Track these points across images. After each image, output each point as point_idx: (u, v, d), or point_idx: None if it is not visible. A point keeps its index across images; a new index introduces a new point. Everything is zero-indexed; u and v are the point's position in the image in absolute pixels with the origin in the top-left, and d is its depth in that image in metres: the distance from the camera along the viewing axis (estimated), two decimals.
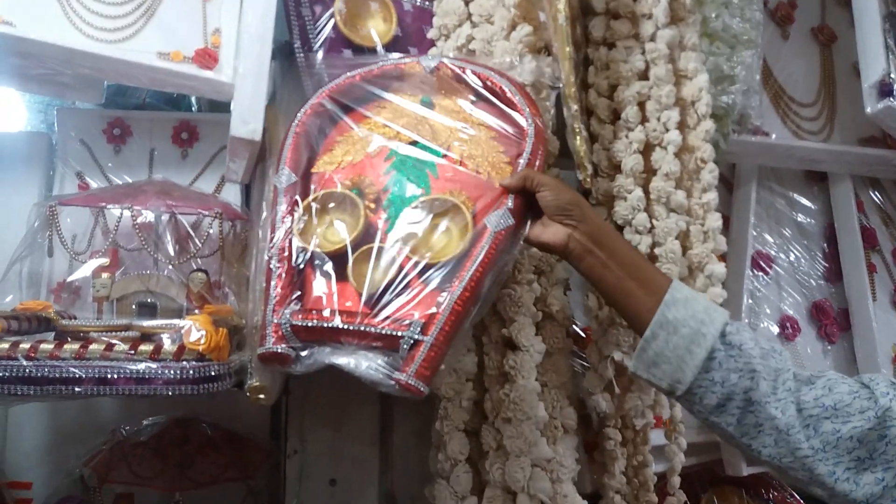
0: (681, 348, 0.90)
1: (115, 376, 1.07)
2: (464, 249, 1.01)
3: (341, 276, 1.02)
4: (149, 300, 1.34)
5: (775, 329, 1.64)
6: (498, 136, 1.13)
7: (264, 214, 1.16)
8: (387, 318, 0.97)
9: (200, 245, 1.33)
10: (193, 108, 1.69)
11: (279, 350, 0.99)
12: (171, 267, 1.34)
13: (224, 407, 1.49)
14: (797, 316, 1.66)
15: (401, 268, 1.01)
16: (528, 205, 1.03)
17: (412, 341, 0.94)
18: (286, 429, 1.41)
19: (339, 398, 1.41)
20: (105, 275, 1.32)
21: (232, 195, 1.51)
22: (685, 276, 1.18)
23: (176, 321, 1.17)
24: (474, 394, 1.22)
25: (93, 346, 1.10)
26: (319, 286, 1.02)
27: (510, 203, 1.02)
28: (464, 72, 1.17)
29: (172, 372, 1.08)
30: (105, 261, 1.31)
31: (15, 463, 1.48)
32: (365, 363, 0.95)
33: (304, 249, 1.04)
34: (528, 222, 1.04)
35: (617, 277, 0.96)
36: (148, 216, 1.34)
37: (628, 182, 1.18)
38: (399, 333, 0.95)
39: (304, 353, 0.99)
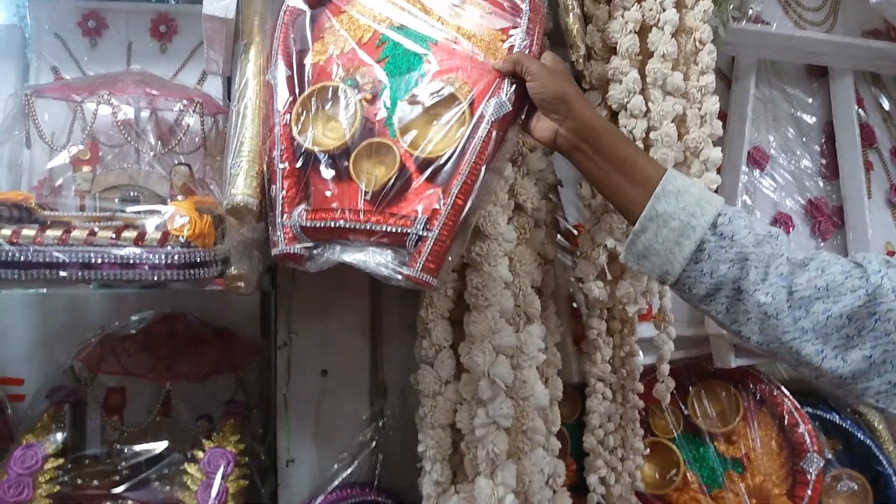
0: (670, 241, 0.89)
1: (100, 261, 1.05)
2: (462, 140, 0.99)
3: (344, 172, 1.01)
4: (132, 193, 1.31)
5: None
6: (495, 10, 1.08)
7: (237, 106, 1.12)
8: (392, 214, 0.97)
9: (182, 138, 1.30)
10: (171, 0, 1.62)
11: (292, 250, 0.99)
12: (152, 160, 1.32)
13: (212, 303, 1.50)
14: (791, 212, 1.65)
15: (402, 162, 0.99)
16: (523, 89, 1.00)
17: (417, 237, 0.95)
18: (275, 321, 1.40)
19: (327, 290, 1.40)
20: (86, 168, 1.29)
21: (213, 89, 1.47)
22: (680, 162, 1.16)
23: (159, 207, 1.15)
24: (459, 284, 1.21)
25: (75, 233, 1.08)
26: (324, 184, 1.01)
27: (507, 88, 0.99)
28: None
29: (157, 257, 1.06)
30: (83, 150, 1.27)
31: (6, 361, 1.49)
32: (374, 260, 0.96)
33: (306, 147, 1.02)
34: (526, 107, 1.02)
35: (606, 172, 0.95)
36: (128, 112, 1.31)
37: (623, 64, 1.14)
38: (404, 230, 0.95)
39: (315, 252, 1.00)
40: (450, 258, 0.97)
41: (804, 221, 1.66)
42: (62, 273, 1.05)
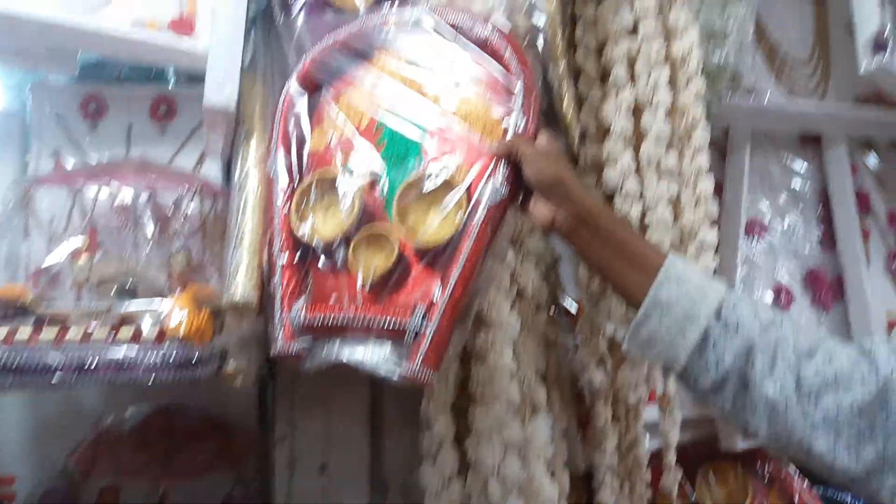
0: (674, 329, 0.87)
1: (95, 363, 1.04)
2: (460, 227, 0.97)
3: (342, 263, 1.00)
4: (129, 283, 1.30)
5: (769, 298, 1.60)
6: (488, 90, 1.07)
7: (241, 194, 1.12)
8: (390, 306, 0.95)
9: (181, 224, 1.30)
10: (171, 82, 1.63)
11: (292, 349, 0.98)
12: (151, 247, 1.31)
13: (210, 392, 1.45)
14: (792, 283, 1.63)
15: (400, 250, 0.98)
16: (520, 173, 0.99)
17: (416, 332, 0.93)
18: (274, 414, 1.38)
19: (327, 381, 1.37)
20: (84, 257, 1.28)
21: (213, 170, 1.46)
22: (676, 245, 1.15)
23: (157, 303, 1.14)
24: (461, 373, 1.19)
25: (71, 332, 1.07)
26: (323, 276, 1.00)
27: (503, 171, 0.98)
28: (453, 22, 1.11)
29: (153, 357, 1.05)
30: (80, 242, 1.27)
31: None
32: (372, 357, 0.95)
33: (305, 238, 1.02)
34: (523, 190, 1.00)
35: (606, 257, 0.93)
36: (126, 196, 1.31)
37: (618, 146, 1.14)
38: (402, 325, 0.93)
39: (314, 349, 0.98)
40: (450, 349, 0.96)
41: (804, 293, 1.64)
42: (56, 377, 1.04)
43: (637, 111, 1.16)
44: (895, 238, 1.68)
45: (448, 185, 1.01)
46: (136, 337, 1.07)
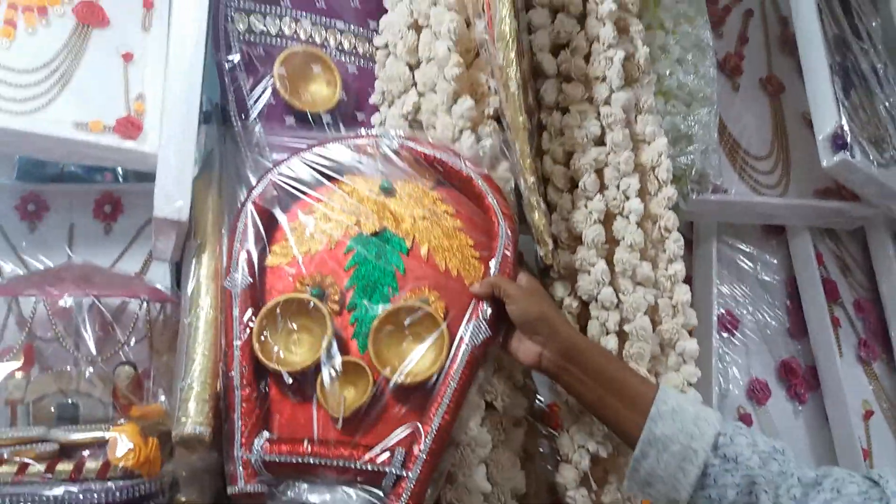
0: (672, 466, 0.86)
1: None
2: (440, 365, 0.95)
3: (311, 396, 0.94)
4: (69, 401, 1.21)
5: (744, 394, 1.59)
6: (465, 226, 1.07)
7: (191, 310, 1.04)
8: (366, 448, 0.91)
9: (126, 334, 1.21)
10: (120, 179, 1.56)
11: (252, 489, 0.92)
12: (94, 360, 1.22)
13: None
14: (766, 377, 1.62)
15: (376, 387, 0.94)
16: (502, 312, 0.98)
17: (396, 477, 0.89)
18: None
19: None
20: (19, 374, 1.19)
21: (160, 274, 1.38)
22: (657, 354, 1.11)
23: (99, 433, 1.05)
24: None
25: (3, 468, 0.98)
26: (288, 408, 0.95)
27: (485, 311, 0.97)
28: (425, 157, 1.11)
29: (96, 495, 0.96)
30: (16, 363, 1.18)
31: None
32: (348, 502, 0.90)
33: (268, 368, 0.96)
34: (504, 329, 1.00)
35: (596, 394, 0.93)
36: (67, 302, 1.22)
37: (590, 254, 1.12)
38: (381, 469, 0.89)
39: (280, 488, 0.93)
40: (428, 494, 0.90)
41: (779, 385, 1.63)
42: None
43: (608, 219, 1.14)
44: (863, 326, 1.69)
45: (427, 319, 0.98)
46: (77, 471, 0.98)
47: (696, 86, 1.32)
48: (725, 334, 1.61)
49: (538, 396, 1.34)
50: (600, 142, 1.16)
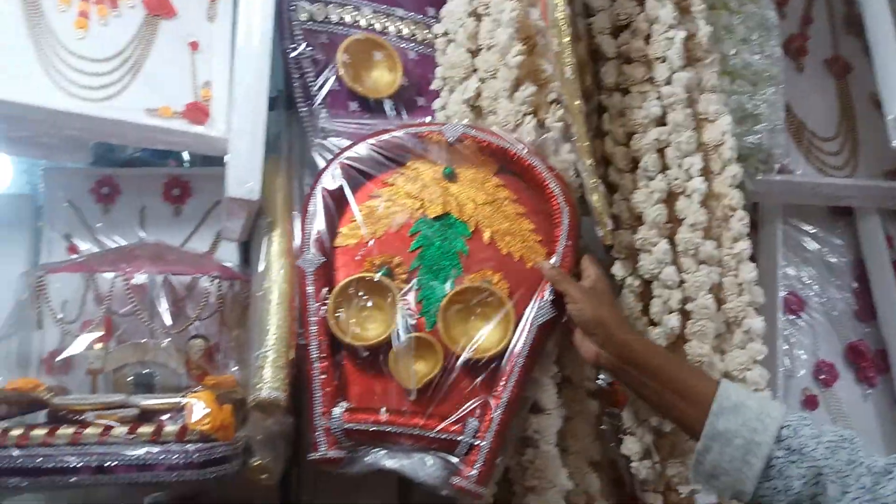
0: (737, 459, 0.86)
1: (114, 463, 1.01)
2: (507, 343, 0.99)
3: (383, 368, 0.99)
4: (145, 371, 1.26)
5: (810, 376, 1.57)
6: (527, 211, 1.10)
7: (265, 284, 1.08)
8: (440, 418, 0.95)
9: (198, 309, 1.26)
10: (185, 163, 1.61)
11: (332, 456, 0.97)
12: (168, 334, 1.27)
13: (230, 481, 1.40)
14: (833, 359, 1.59)
15: (445, 362, 0.98)
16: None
17: (469, 445, 0.94)
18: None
19: (355, 486, 1.30)
20: (98, 345, 1.25)
21: (229, 252, 1.44)
22: (723, 333, 1.11)
23: (177, 398, 1.10)
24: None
25: (88, 430, 1.04)
26: (363, 380, 0.99)
27: (550, 293, 1.01)
28: (488, 145, 1.13)
29: (175, 456, 1.01)
30: (98, 333, 1.23)
31: None
32: (422, 469, 0.94)
33: (343, 343, 1.01)
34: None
35: (656, 392, 0.94)
36: (141, 279, 1.27)
37: (652, 234, 1.11)
38: (455, 437, 0.94)
39: (359, 453, 0.98)
40: (498, 461, 0.93)
41: (847, 367, 1.60)
42: (73, 478, 1.00)
43: (670, 198, 1.13)
44: None
45: (493, 299, 1.02)
46: (158, 433, 1.03)
47: (761, 65, 1.30)
48: (791, 316, 1.58)
49: (599, 375, 1.35)
50: (661, 122, 1.15)
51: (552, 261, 1.05)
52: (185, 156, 1.63)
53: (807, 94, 1.63)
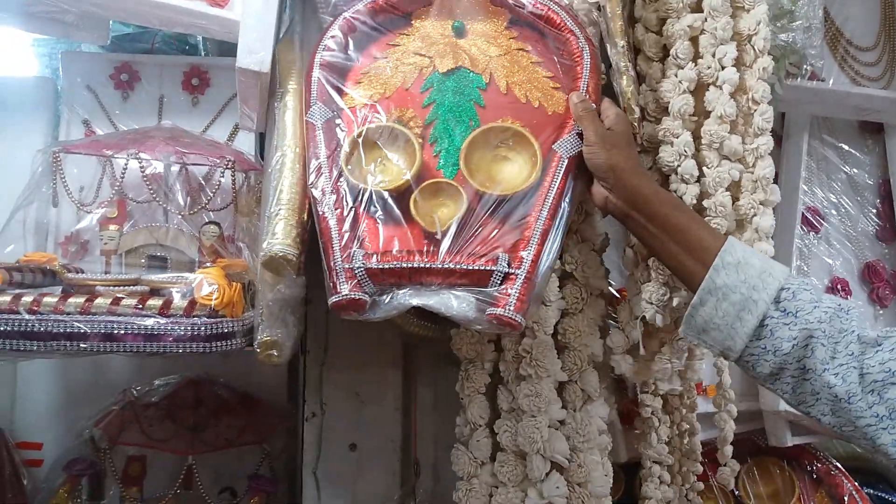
0: (730, 315, 0.85)
1: (123, 332, 1.01)
2: (536, 179, 0.96)
3: (404, 214, 0.95)
4: (159, 253, 1.27)
5: (823, 292, 1.54)
6: (544, 61, 1.05)
7: (276, 154, 1.06)
8: (468, 255, 0.92)
9: (212, 196, 1.26)
10: (203, 54, 1.59)
11: (356, 296, 0.91)
12: (181, 219, 1.28)
13: (239, 366, 1.44)
14: (848, 277, 1.57)
15: (471, 203, 0.95)
16: None
17: (503, 275, 0.90)
18: (304, 391, 1.34)
19: (359, 359, 1.34)
20: (113, 227, 1.26)
21: (245, 144, 1.44)
22: (733, 231, 1.08)
23: (187, 275, 1.10)
24: (495, 355, 1.15)
25: (99, 301, 1.04)
26: (384, 227, 0.95)
27: (577, 128, 0.99)
28: None
29: (182, 328, 1.02)
30: (111, 210, 1.24)
31: (25, 423, 1.43)
32: (456, 301, 0.90)
33: (361, 189, 0.96)
34: None
35: (660, 240, 0.93)
36: (157, 167, 1.27)
37: (675, 125, 1.07)
38: (489, 268, 0.90)
39: (382, 297, 0.92)
40: (533, 298, 0.92)
41: (861, 286, 1.58)
42: (83, 345, 1.01)
43: (699, 89, 1.09)
44: None
45: (518, 141, 0.99)
46: (166, 307, 1.03)
47: None
48: (809, 230, 1.56)
49: (609, 281, 1.34)
50: (697, 8, 1.09)
51: (580, 85, 1.03)
52: (203, 48, 1.61)
53: (848, 2, 1.56)
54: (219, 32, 1.25)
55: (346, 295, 0.91)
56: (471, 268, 0.91)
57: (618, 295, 1.34)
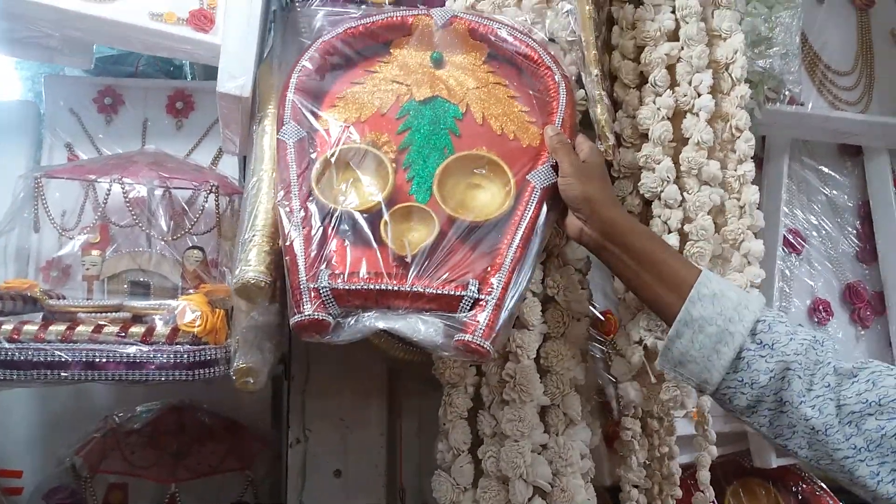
0: (707, 348, 0.85)
1: (104, 360, 1.01)
2: (509, 207, 0.96)
3: (373, 237, 0.94)
4: (141, 279, 1.26)
5: (804, 313, 1.57)
6: (519, 95, 1.06)
7: (253, 179, 1.06)
8: (436, 281, 0.91)
9: (195, 221, 1.26)
10: (188, 77, 1.60)
11: (320, 317, 0.89)
12: (164, 244, 1.27)
13: (222, 392, 1.41)
14: (829, 298, 1.59)
15: (443, 228, 0.94)
16: None
17: (473, 300, 0.89)
18: (287, 417, 1.33)
19: (343, 384, 1.34)
20: (95, 252, 1.25)
21: (230, 168, 1.43)
22: (718, 255, 1.10)
23: (169, 301, 1.10)
24: (477, 379, 1.15)
25: (80, 328, 1.04)
26: (353, 247, 0.93)
27: (551, 159, 0.99)
28: (480, 27, 1.09)
29: (165, 356, 1.02)
30: (93, 236, 1.24)
31: (4, 451, 1.41)
32: (423, 326, 0.89)
33: (331, 209, 0.95)
34: None
35: (635, 272, 0.93)
36: (140, 191, 1.27)
37: (656, 151, 1.09)
38: (458, 293, 0.89)
39: (347, 319, 0.90)
40: (503, 327, 0.90)
41: (843, 308, 1.60)
42: (64, 373, 1.01)
43: (676, 116, 1.11)
44: None
45: (493, 170, 1.00)
46: (149, 334, 1.03)
47: None
48: (791, 252, 1.58)
49: (593, 303, 1.34)
50: (673, 37, 1.11)
51: (555, 120, 1.03)
52: (188, 71, 1.62)
53: (825, 25, 1.59)
54: (204, 57, 1.25)
55: (309, 315, 0.89)
56: (440, 292, 0.90)
57: (602, 317, 1.35)
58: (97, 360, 1.00)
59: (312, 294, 0.90)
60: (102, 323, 1.05)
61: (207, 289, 1.15)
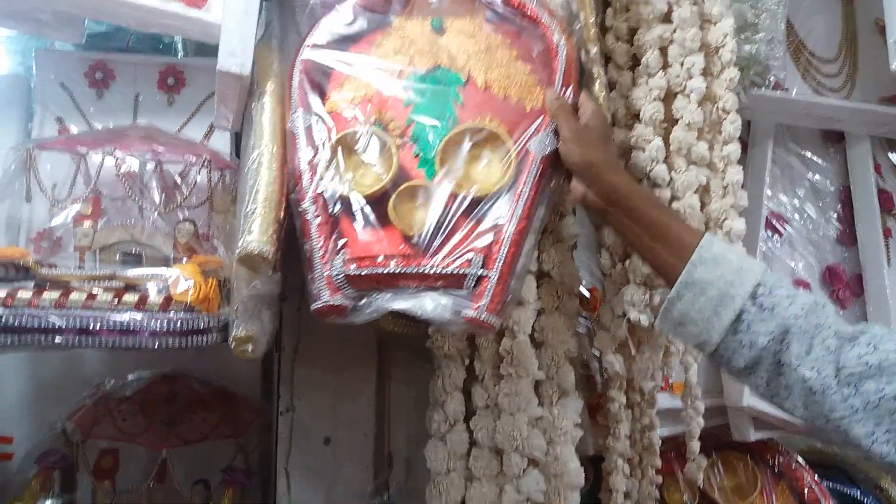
0: (707, 310, 0.87)
1: (98, 326, 1.02)
2: (510, 179, 0.97)
3: (382, 218, 0.97)
4: (133, 250, 1.27)
5: None
6: (522, 55, 1.06)
7: (253, 154, 1.08)
8: (444, 257, 0.94)
9: (187, 194, 1.27)
10: (180, 54, 1.60)
11: (336, 303, 0.94)
12: (156, 216, 1.28)
13: (213, 362, 1.44)
14: (809, 279, 1.62)
15: (446, 205, 0.96)
16: None
17: (476, 277, 0.92)
18: (278, 386, 1.35)
19: (332, 354, 1.36)
20: (87, 223, 1.26)
21: (221, 144, 1.44)
22: None
23: (162, 270, 1.11)
24: (470, 352, 1.18)
25: (74, 295, 1.05)
26: (363, 231, 0.97)
27: (551, 125, 0.99)
28: None
29: (158, 323, 1.03)
30: (85, 206, 1.24)
31: None
32: (431, 304, 0.92)
33: (340, 195, 0.99)
34: None
35: (638, 236, 0.94)
36: (132, 164, 1.27)
37: (647, 131, 1.12)
38: (462, 271, 0.92)
39: (362, 303, 0.95)
40: (509, 299, 0.94)
41: (822, 288, 1.63)
42: (58, 339, 1.02)
43: (668, 97, 1.13)
44: None
45: (493, 141, 1.01)
46: (142, 302, 1.04)
47: None
48: (773, 234, 1.61)
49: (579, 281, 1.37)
50: (666, 19, 1.14)
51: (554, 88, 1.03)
52: (180, 47, 1.62)
53: (810, 13, 1.62)
54: (196, 34, 1.24)
55: (328, 301, 0.94)
56: (446, 270, 0.93)
57: (587, 294, 1.38)
58: (91, 326, 1.01)
59: (328, 281, 0.95)
60: (96, 291, 1.06)
61: (200, 259, 1.16)
